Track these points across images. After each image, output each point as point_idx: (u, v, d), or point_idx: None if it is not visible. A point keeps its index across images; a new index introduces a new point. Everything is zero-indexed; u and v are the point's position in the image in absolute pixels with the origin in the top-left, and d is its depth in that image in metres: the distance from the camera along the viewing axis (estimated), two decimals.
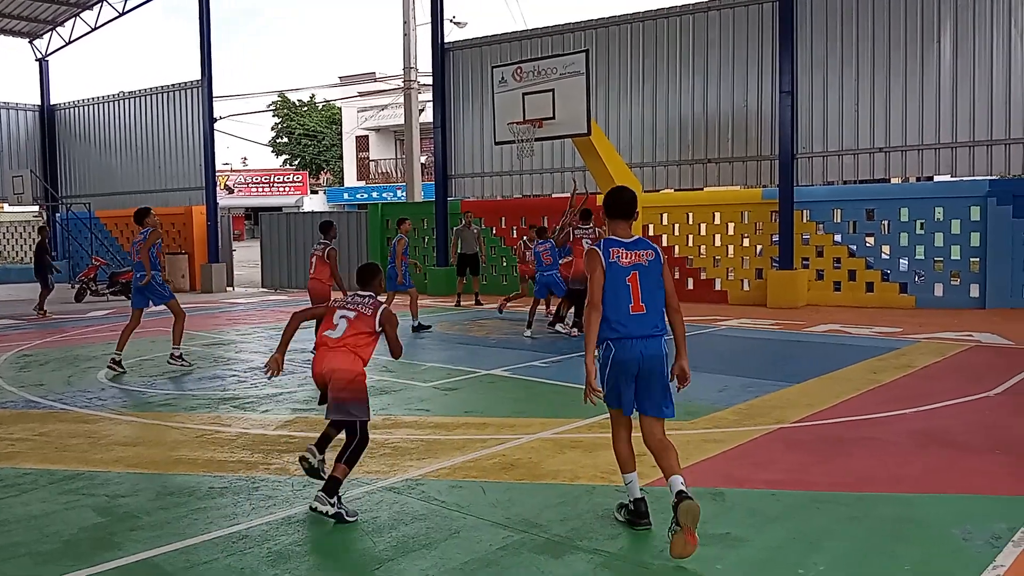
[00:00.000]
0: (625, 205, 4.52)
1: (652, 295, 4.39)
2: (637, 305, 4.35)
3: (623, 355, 4.35)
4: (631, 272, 4.37)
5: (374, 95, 39.60)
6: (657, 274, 4.43)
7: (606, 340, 4.38)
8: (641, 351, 4.34)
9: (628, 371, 4.36)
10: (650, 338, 4.36)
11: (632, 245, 4.44)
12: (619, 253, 4.39)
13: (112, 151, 26.80)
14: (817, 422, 6.80)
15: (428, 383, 8.71)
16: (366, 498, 5.04)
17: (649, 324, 4.36)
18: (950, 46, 14.84)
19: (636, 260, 4.40)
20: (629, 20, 18.21)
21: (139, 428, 7.00)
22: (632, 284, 4.35)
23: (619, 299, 4.34)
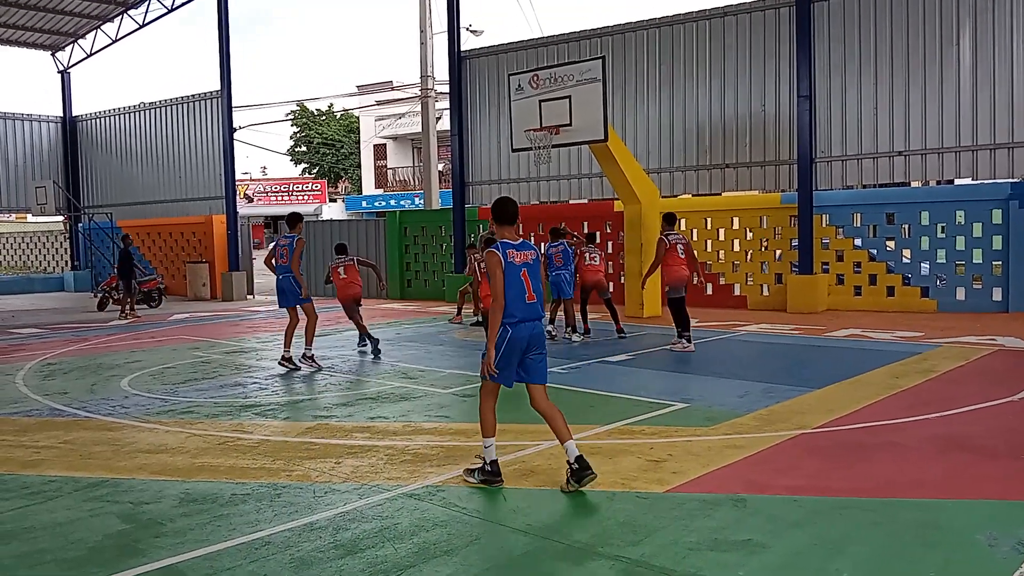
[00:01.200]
0: (511, 214, 5.45)
1: (536, 287, 5.40)
2: (530, 295, 5.34)
3: (517, 335, 5.29)
4: (523, 269, 5.33)
5: (392, 104, 39.79)
6: (538, 269, 5.45)
7: (504, 324, 5.27)
8: (531, 331, 5.35)
9: (519, 348, 5.34)
10: (536, 321, 5.39)
11: (520, 247, 5.40)
12: (513, 254, 5.32)
13: (133, 161, 27.09)
14: (839, 427, 6.76)
15: (448, 390, 8.73)
16: (387, 504, 5.06)
17: (536, 311, 5.38)
18: (969, 48, 14.73)
19: (525, 259, 5.36)
20: (645, 26, 18.21)
21: (162, 435, 7.06)
22: (525, 279, 5.33)
23: (516, 291, 5.28)
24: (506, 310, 5.24)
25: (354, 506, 5.04)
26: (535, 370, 5.44)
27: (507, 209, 5.44)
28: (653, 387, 8.71)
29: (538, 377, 5.46)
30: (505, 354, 5.29)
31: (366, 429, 7.08)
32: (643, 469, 5.66)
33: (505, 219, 5.45)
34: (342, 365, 10.64)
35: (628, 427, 6.86)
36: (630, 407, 7.62)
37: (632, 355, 10.84)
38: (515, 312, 5.28)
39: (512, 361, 5.34)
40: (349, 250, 12.83)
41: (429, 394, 8.55)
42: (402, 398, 8.34)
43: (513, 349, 5.31)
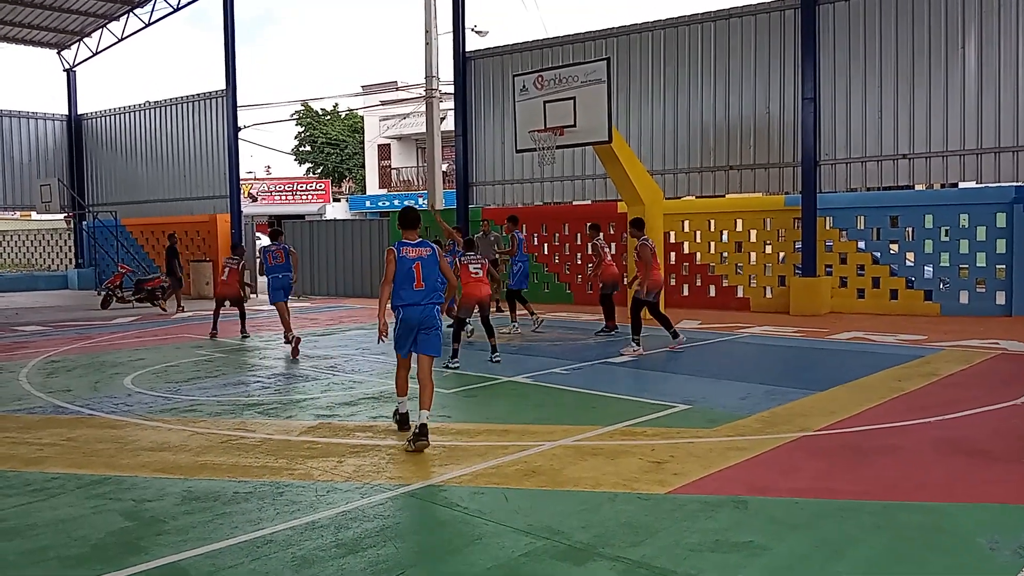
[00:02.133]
0: (411, 219, 6.84)
1: (429, 278, 6.66)
2: (418, 283, 6.62)
3: (407, 315, 6.63)
4: (416, 262, 6.65)
5: (396, 104, 39.81)
6: (432, 263, 6.72)
7: (398, 307, 6.66)
8: (420, 313, 6.61)
9: (411, 327, 6.63)
10: (425, 304, 6.63)
11: (417, 245, 6.76)
12: (407, 251, 6.68)
13: (138, 160, 27.15)
14: (841, 430, 6.75)
15: (449, 390, 8.74)
16: (389, 504, 5.07)
17: (423, 296, 6.63)
18: (974, 51, 14.72)
19: (419, 254, 6.71)
20: (650, 28, 18.22)
21: (165, 433, 7.08)
22: (416, 270, 6.63)
23: (407, 280, 6.60)
24: (396, 295, 6.62)
25: (356, 505, 5.05)
26: (425, 344, 6.66)
27: (408, 216, 6.84)
28: (655, 388, 8.72)
29: (426, 349, 6.67)
30: (400, 331, 6.67)
31: (369, 428, 7.09)
32: (645, 470, 5.66)
33: (407, 224, 6.83)
34: (345, 364, 10.65)
35: (630, 428, 6.86)
36: (632, 408, 7.62)
37: (635, 356, 10.84)
38: (404, 297, 6.62)
39: (407, 336, 6.66)
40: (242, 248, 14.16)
41: None
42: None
43: (406, 327, 6.64)
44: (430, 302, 6.65)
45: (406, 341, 6.66)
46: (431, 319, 6.65)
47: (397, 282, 6.60)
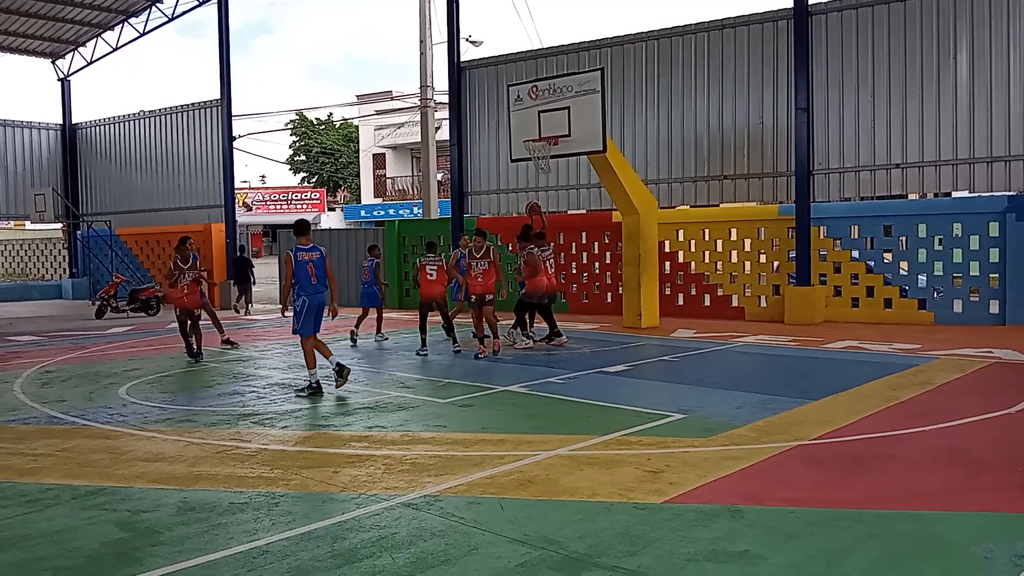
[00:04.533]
0: (303, 228, 9.31)
1: (320, 274, 9.08)
2: (313, 279, 9.04)
3: (312, 303, 9.08)
4: (309, 264, 9.03)
5: (391, 113, 39.88)
6: (322, 264, 9.12)
7: (302, 296, 9.05)
8: (319, 300, 9.12)
9: (313, 310, 9.08)
10: (319, 294, 9.07)
11: (309, 250, 9.12)
12: (303, 255, 9.04)
13: (132, 169, 27.13)
14: (836, 439, 6.77)
15: (446, 399, 8.74)
16: (384, 514, 5.06)
17: (319, 289, 9.08)
18: (966, 62, 14.81)
19: (311, 257, 9.08)
20: (644, 38, 18.29)
21: (160, 444, 7.06)
22: (310, 269, 9.02)
23: (306, 277, 9.03)
24: (301, 287, 9.01)
25: (352, 515, 5.05)
26: (320, 323, 9.22)
27: (301, 225, 9.30)
28: (651, 398, 8.72)
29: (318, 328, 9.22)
30: (307, 314, 9.04)
31: (364, 438, 7.08)
32: (640, 480, 5.67)
33: (300, 232, 9.26)
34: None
35: (626, 437, 6.87)
36: (628, 417, 7.63)
37: (630, 366, 10.86)
38: (307, 289, 9.02)
39: (312, 319, 9.06)
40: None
41: (427, 403, 8.56)
42: (400, 407, 8.35)
43: (311, 311, 9.06)
44: (320, 292, 9.04)
45: (312, 323, 9.07)
46: (323, 305, 9.20)
47: (298, 279, 9.00)
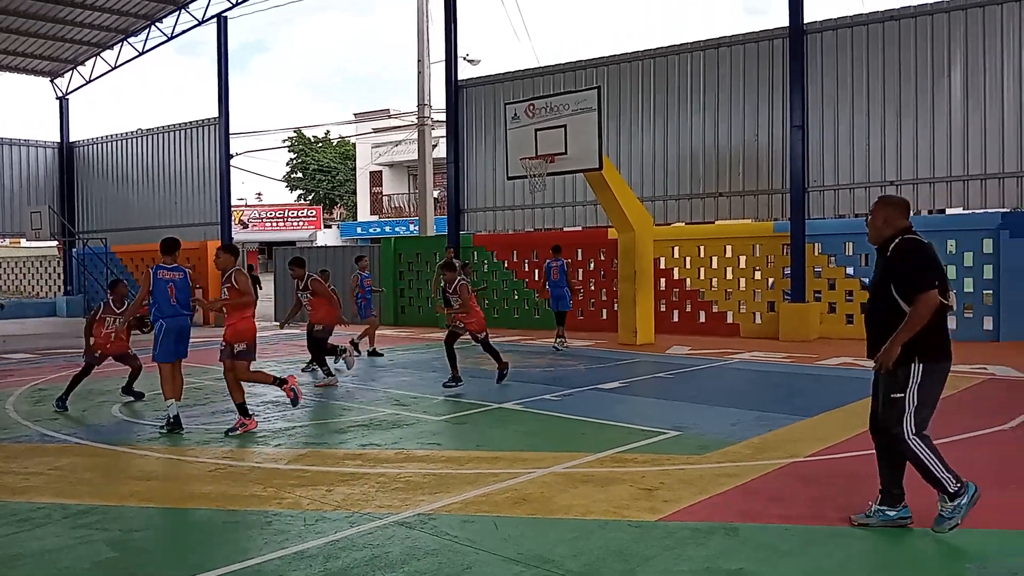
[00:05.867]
0: (168, 247, 8.52)
1: (182, 296, 8.32)
2: (173, 300, 8.26)
3: (169, 327, 8.28)
4: (169, 284, 8.27)
5: (388, 131, 40.03)
6: (184, 284, 8.38)
7: (160, 319, 8.28)
8: (180, 323, 8.35)
9: (172, 335, 8.27)
10: (181, 316, 8.34)
11: (172, 269, 8.38)
12: (164, 273, 8.30)
13: (129, 187, 27.17)
14: (831, 456, 6.76)
15: (439, 417, 8.72)
16: (378, 533, 5.04)
17: (180, 311, 8.32)
18: (960, 79, 14.92)
19: (172, 277, 8.33)
20: (640, 57, 18.41)
21: (152, 462, 7.03)
22: (170, 290, 8.25)
23: (164, 298, 8.24)
24: (159, 309, 8.25)
25: (345, 534, 5.02)
26: (184, 351, 8.44)
27: (167, 243, 8.53)
28: (646, 415, 8.71)
29: (183, 354, 8.44)
30: (163, 339, 8.22)
31: (358, 456, 7.05)
32: (635, 497, 5.65)
33: (165, 251, 8.48)
34: (333, 391, 10.61)
35: (620, 455, 6.85)
36: (622, 435, 7.61)
37: (625, 383, 10.84)
38: (164, 311, 8.26)
39: (171, 344, 8.25)
40: None
41: (421, 421, 8.53)
42: (394, 425, 8.32)
43: (169, 334, 8.24)
44: (183, 314, 8.35)
45: (172, 350, 8.27)
46: (186, 329, 8.41)
47: (156, 300, 8.28)
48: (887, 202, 5.02)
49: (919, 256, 4.76)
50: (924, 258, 4.76)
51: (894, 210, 4.95)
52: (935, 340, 4.74)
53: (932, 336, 4.70)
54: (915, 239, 4.84)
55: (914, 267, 4.72)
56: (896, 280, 4.78)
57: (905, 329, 4.66)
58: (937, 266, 4.77)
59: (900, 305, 4.73)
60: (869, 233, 5.08)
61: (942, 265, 4.85)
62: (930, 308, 4.62)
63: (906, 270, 4.75)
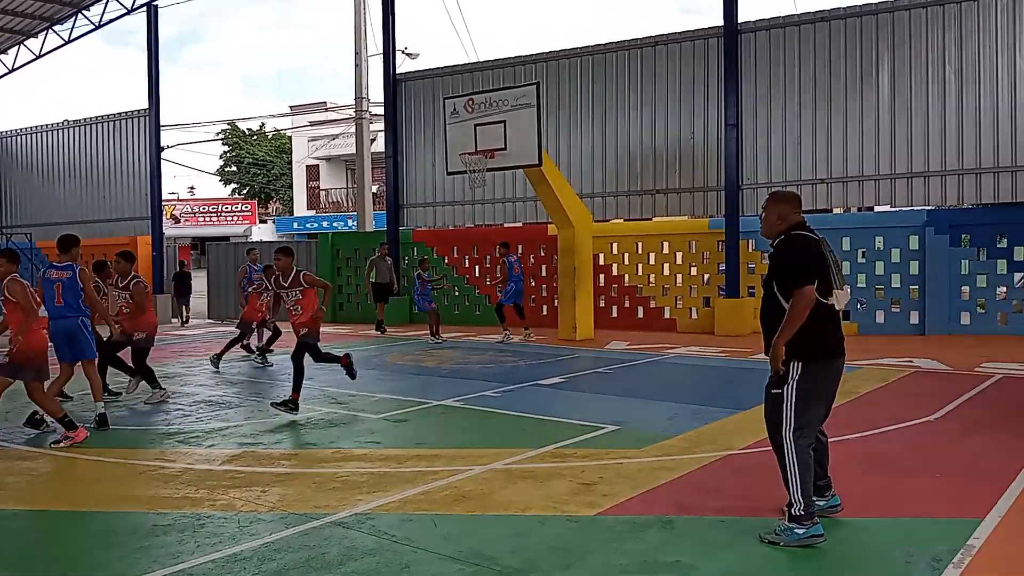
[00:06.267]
0: (64, 244, 8.17)
1: (69, 296, 7.83)
2: (59, 301, 7.82)
3: (55, 328, 7.89)
4: (57, 283, 7.85)
5: (325, 125, 39.49)
6: (74, 283, 7.88)
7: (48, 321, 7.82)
8: (63, 326, 7.87)
9: (60, 337, 7.89)
10: (67, 319, 7.87)
11: (62, 268, 7.95)
12: (52, 273, 7.92)
13: (56, 180, 26.27)
14: (764, 448, 6.83)
15: (378, 415, 8.63)
16: (314, 534, 4.96)
17: (64, 313, 7.84)
18: (888, 80, 15.37)
19: (61, 276, 7.89)
20: (579, 53, 18.51)
21: (81, 465, 6.81)
22: (57, 289, 7.83)
23: (50, 298, 7.83)
24: (47, 310, 7.79)
25: (280, 536, 4.93)
26: (81, 351, 8.00)
27: (62, 241, 8.18)
28: (585, 410, 8.76)
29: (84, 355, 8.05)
30: (55, 343, 7.86)
31: (294, 456, 6.95)
32: (574, 492, 5.68)
33: (61, 248, 8.16)
34: (269, 391, 10.43)
35: (560, 450, 6.88)
36: (562, 430, 7.65)
37: (565, 378, 10.90)
38: (51, 312, 7.88)
39: (60, 345, 7.91)
40: None
41: (359, 419, 8.44)
42: (331, 424, 8.21)
43: (57, 337, 7.87)
44: (70, 316, 7.89)
45: (65, 350, 7.96)
46: (76, 329, 7.94)
47: (44, 299, 7.85)
48: (779, 198, 4.96)
49: (800, 252, 4.68)
50: (805, 254, 4.66)
51: (786, 206, 4.88)
52: (814, 339, 4.63)
53: (810, 335, 4.60)
54: (801, 235, 4.76)
55: (792, 263, 4.65)
56: (776, 276, 4.74)
57: (784, 328, 4.60)
58: (820, 263, 4.66)
59: (782, 303, 4.66)
60: (762, 228, 5.01)
61: (831, 262, 4.72)
62: (805, 305, 4.53)
63: (784, 266, 4.69)
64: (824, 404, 4.83)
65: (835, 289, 4.69)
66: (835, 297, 4.69)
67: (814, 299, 4.57)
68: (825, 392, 4.79)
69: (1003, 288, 14.95)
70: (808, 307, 4.55)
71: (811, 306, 4.55)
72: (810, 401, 4.69)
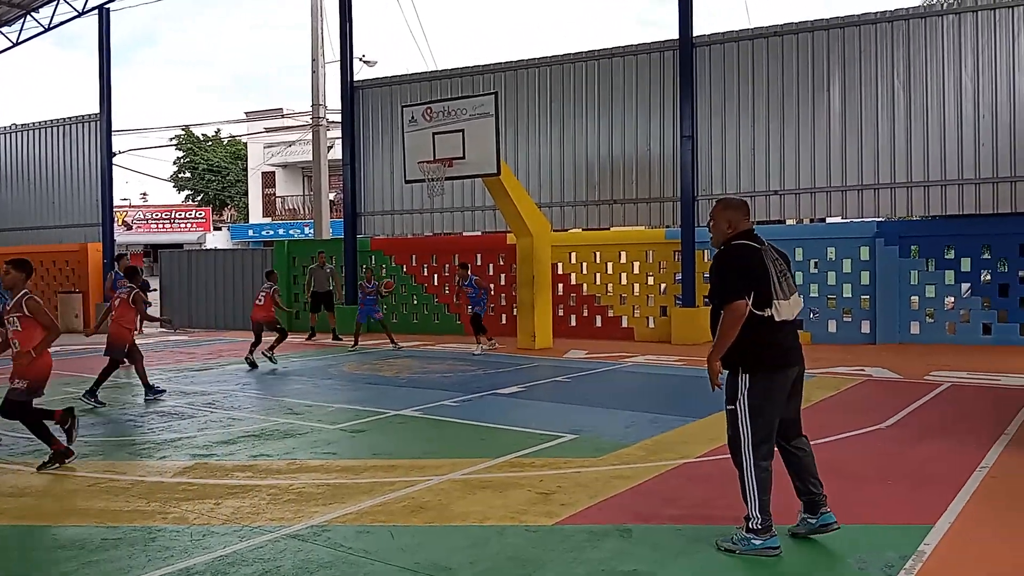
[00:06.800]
0: None
1: None
2: None
3: None
4: None
5: (281, 131, 39.10)
6: None
7: None
8: None
9: None
10: None
11: None
12: None
13: (3, 185, 25.60)
14: (720, 456, 6.93)
15: (335, 425, 8.54)
16: (269, 547, 4.88)
17: None
18: (839, 94, 15.70)
19: None
20: (537, 64, 18.60)
21: (27, 477, 6.62)
22: None
23: None
24: None
25: (234, 549, 4.84)
26: None
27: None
28: (543, 419, 8.76)
29: None
30: None
31: (248, 468, 6.83)
32: (532, 502, 5.67)
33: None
34: (223, 400, 10.26)
35: (518, 459, 6.87)
36: (521, 439, 7.64)
37: (524, 387, 10.91)
38: None
39: None
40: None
41: (316, 430, 8.34)
42: (287, 435, 8.10)
43: None
44: None
45: None
46: None
47: None
48: (728, 204, 4.82)
49: (734, 264, 4.57)
50: (739, 265, 4.55)
51: (735, 212, 4.75)
52: (757, 350, 4.55)
53: (754, 346, 4.53)
54: (740, 244, 4.64)
55: (723, 277, 4.57)
56: (711, 288, 4.70)
57: (716, 344, 4.56)
58: (755, 274, 4.54)
59: None
60: (712, 237, 4.85)
61: (774, 270, 4.57)
62: (735, 319, 4.47)
63: (716, 279, 4.62)
64: (780, 415, 4.74)
65: (777, 299, 4.55)
66: (776, 307, 4.55)
67: (744, 314, 4.49)
68: (778, 403, 4.68)
69: (951, 298, 15.32)
70: (738, 322, 4.48)
71: (741, 321, 4.48)
72: (763, 414, 4.62)
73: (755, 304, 4.53)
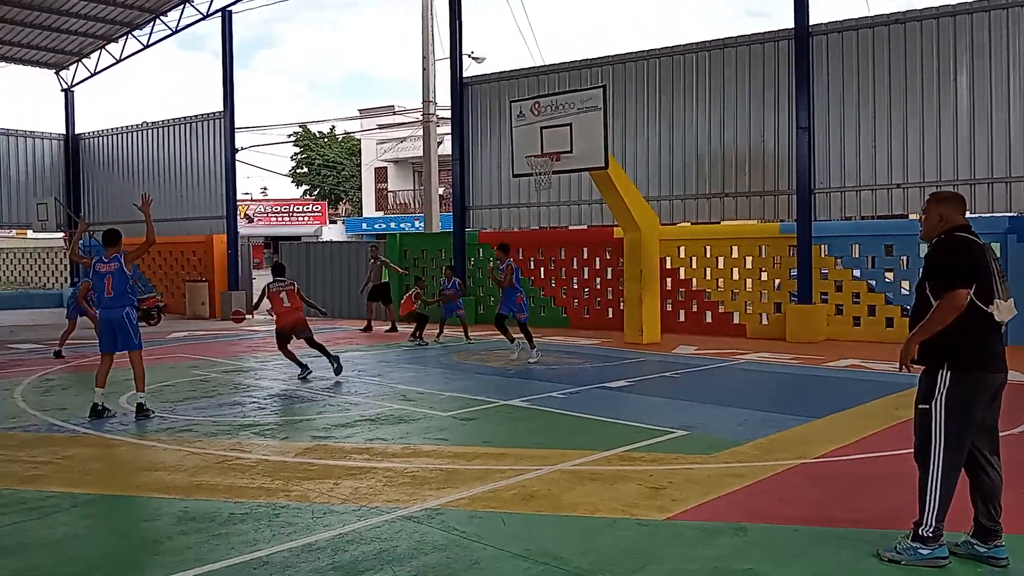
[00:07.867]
0: (108, 238, 8.72)
1: (119, 286, 8.45)
2: (108, 292, 8.43)
3: (102, 317, 8.62)
4: (107, 276, 8.43)
5: (393, 128, 40.02)
6: (121, 272, 8.48)
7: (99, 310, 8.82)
8: (109, 315, 8.46)
9: (107, 326, 8.50)
10: (115, 308, 8.45)
11: (109, 261, 8.50)
12: (100, 265, 8.52)
13: (135, 180, 27.15)
14: (839, 458, 6.75)
15: (446, 413, 8.72)
16: (386, 527, 5.04)
17: (112, 303, 8.46)
18: (967, 83, 14.88)
19: (109, 268, 8.46)
20: (646, 56, 18.38)
21: (160, 453, 7.04)
22: (107, 281, 8.41)
23: (100, 290, 8.52)
24: (96, 300, 8.83)
25: (353, 527, 5.02)
26: (125, 342, 8.48)
27: (106, 236, 8.72)
28: (653, 413, 8.69)
29: (126, 346, 8.52)
30: (102, 331, 8.56)
31: (365, 450, 7.06)
32: (643, 496, 5.64)
33: (106, 242, 8.72)
34: (341, 386, 10.62)
35: (628, 453, 6.84)
36: (630, 433, 7.60)
37: (632, 381, 10.84)
38: (100, 302, 8.64)
39: (105, 335, 8.52)
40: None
41: (428, 416, 8.54)
42: (401, 420, 8.32)
43: (104, 327, 8.53)
44: (118, 306, 8.43)
45: (105, 340, 8.51)
46: (119, 321, 8.42)
47: (95, 290, 8.72)
48: (941, 198, 4.63)
49: (958, 254, 4.36)
50: (964, 257, 4.34)
51: (949, 206, 4.56)
52: (968, 347, 4.31)
53: (965, 342, 4.30)
54: (962, 236, 4.44)
55: (948, 264, 4.34)
56: (930, 278, 4.42)
57: (923, 327, 4.32)
58: (980, 267, 4.33)
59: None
60: (922, 230, 4.68)
61: (994, 270, 4.39)
62: (953, 307, 4.22)
63: (939, 267, 4.38)
64: (978, 421, 4.41)
65: (997, 299, 4.36)
66: (996, 307, 4.34)
67: (964, 304, 4.25)
68: (979, 408, 4.38)
69: None
70: (956, 311, 4.24)
71: (959, 310, 4.24)
72: (960, 417, 4.32)
73: (977, 298, 4.32)
